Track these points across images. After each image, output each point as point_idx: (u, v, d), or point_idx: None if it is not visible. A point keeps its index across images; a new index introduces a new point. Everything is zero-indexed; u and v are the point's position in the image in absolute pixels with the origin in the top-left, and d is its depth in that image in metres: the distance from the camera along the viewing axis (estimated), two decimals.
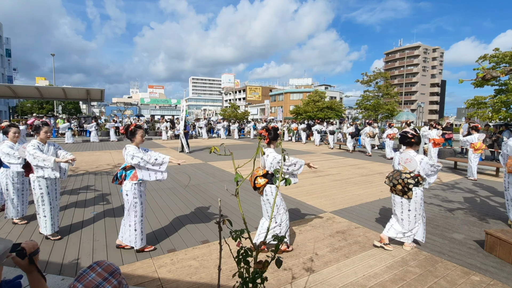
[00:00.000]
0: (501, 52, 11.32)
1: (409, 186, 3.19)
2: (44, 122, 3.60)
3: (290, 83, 73.50)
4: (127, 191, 3.12)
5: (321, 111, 30.41)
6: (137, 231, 3.15)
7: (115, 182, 3.27)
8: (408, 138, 3.35)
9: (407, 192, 3.22)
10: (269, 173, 3.16)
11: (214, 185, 6.54)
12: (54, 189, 3.57)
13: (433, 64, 73.99)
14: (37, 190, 3.39)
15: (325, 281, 2.66)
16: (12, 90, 20.24)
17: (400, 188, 3.27)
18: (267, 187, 3.14)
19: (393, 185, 3.36)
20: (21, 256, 1.06)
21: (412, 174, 3.24)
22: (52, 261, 2.99)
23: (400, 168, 3.39)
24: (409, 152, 3.34)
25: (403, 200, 3.31)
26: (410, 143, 3.36)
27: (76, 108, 50.36)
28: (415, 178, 3.21)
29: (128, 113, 40.60)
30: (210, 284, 2.60)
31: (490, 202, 5.46)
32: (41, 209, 3.42)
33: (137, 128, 3.24)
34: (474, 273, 2.83)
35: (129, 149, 3.11)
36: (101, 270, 1.06)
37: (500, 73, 3.45)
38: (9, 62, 47.23)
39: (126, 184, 3.14)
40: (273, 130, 3.25)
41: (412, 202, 3.25)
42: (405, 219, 3.30)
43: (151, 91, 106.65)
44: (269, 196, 3.15)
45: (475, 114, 13.06)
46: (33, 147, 3.33)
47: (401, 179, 3.26)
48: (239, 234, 1.37)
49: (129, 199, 3.13)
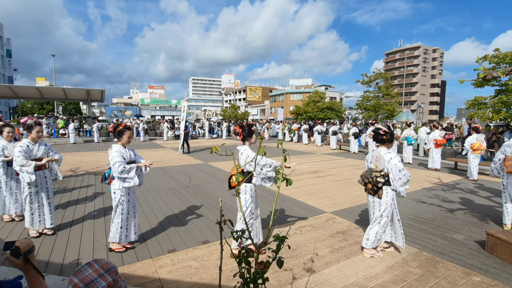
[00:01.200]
0: (502, 52, 11.33)
1: (378, 184, 3.09)
2: (37, 121, 3.64)
3: (290, 84, 73.52)
4: (115, 190, 3.17)
5: (321, 111, 30.42)
6: (122, 229, 3.20)
7: (104, 182, 3.31)
8: (380, 135, 3.19)
9: (377, 191, 3.13)
10: (244, 171, 3.06)
11: (214, 185, 6.54)
12: (46, 188, 3.63)
13: (433, 65, 73.99)
14: (26, 189, 3.46)
15: (326, 282, 2.66)
16: (13, 91, 20.26)
17: (370, 187, 3.19)
18: (242, 186, 3.04)
19: (364, 183, 3.29)
20: (16, 255, 1.05)
21: (382, 172, 3.12)
22: (53, 261, 2.99)
23: (372, 166, 3.29)
24: (380, 150, 3.19)
25: (374, 200, 3.21)
26: (382, 140, 3.20)
27: (76, 109, 50.39)
28: (385, 177, 3.08)
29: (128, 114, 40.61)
30: (211, 284, 2.59)
31: (490, 202, 5.45)
32: (28, 206, 3.50)
33: (125, 129, 3.27)
34: (475, 274, 2.83)
35: (113, 150, 3.15)
36: (98, 267, 1.07)
37: (501, 74, 3.44)
38: (9, 62, 47.30)
39: (114, 183, 3.18)
40: (248, 126, 3.21)
41: (383, 202, 3.09)
42: (376, 221, 3.15)
43: (151, 92, 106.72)
44: (242, 195, 3.04)
45: (476, 115, 13.07)
46: (20, 149, 3.37)
47: (371, 177, 3.17)
48: (240, 235, 1.37)
49: (117, 197, 3.18)
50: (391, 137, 3.20)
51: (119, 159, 3.09)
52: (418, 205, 5.14)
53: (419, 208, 5.00)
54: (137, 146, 15.22)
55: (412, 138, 10.27)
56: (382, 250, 3.30)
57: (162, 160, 10.40)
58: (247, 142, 3.20)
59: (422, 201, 5.42)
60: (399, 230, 3.15)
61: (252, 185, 3.09)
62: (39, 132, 3.57)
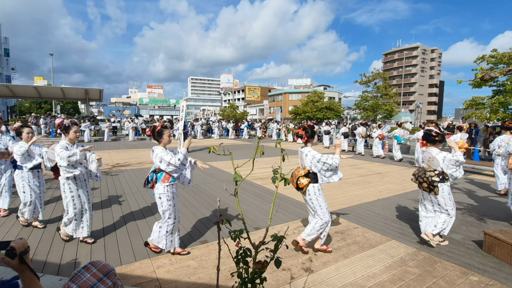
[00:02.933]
0: (499, 53, 11.38)
1: (434, 184, 3.29)
2: (73, 121, 3.43)
3: (289, 84, 73.48)
4: (160, 194, 3.03)
5: (320, 111, 30.46)
6: (168, 233, 3.06)
7: (146, 186, 3.17)
8: (432, 136, 3.43)
9: (433, 189, 3.31)
10: (310, 172, 3.15)
11: (212, 185, 6.53)
12: (86, 192, 3.44)
13: (432, 65, 74.18)
14: (68, 193, 3.26)
15: (324, 281, 2.66)
16: (10, 90, 20.18)
17: (426, 186, 3.37)
18: (310, 186, 3.15)
19: (419, 183, 3.46)
20: (11, 256, 1.04)
21: (436, 171, 3.32)
22: (50, 261, 2.98)
23: (424, 166, 3.49)
24: (431, 151, 3.40)
25: (431, 197, 3.43)
26: (434, 141, 3.44)
27: (74, 108, 50.24)
28: (439, 175, 3.30)
29: (126, 113, 40.49)
30: (209, 284, 2.59)
31: (488, 202, 5.48)
32: (72, 213, 3.28)
33: (164, 129, 3.13)
34: (472, 273, 2.84)
35: (157, 152, 3.02)
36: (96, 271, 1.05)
37: (499, 74, 3.46)
38: (7, 61, 47.07)
39: (158, 187, 3.05)
40: (310, 128, 3.22)
41: (440, 197, 3.35)
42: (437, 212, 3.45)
43: (150, 91, 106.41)
44: (312, 196, 3.16)
45: (473, 115, 13.12)
46: (61, 148, 3.18)
47: (425, 177, 3.35)
48: (238, 234, 1.37)
49: (163, 202, 3.03)
50: (443, 138, 3.47)
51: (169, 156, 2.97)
52: (416, 205, 5.15)
53: (417, 208, 5.00)
54: (129, 146, 15.18)
55: (402, 137, 10.80)
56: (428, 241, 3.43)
57: None
58: (309, 144, 3.25)
59: None
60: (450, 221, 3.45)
61: (319, 184, 3.19)
62: (77, 133, 3.39)
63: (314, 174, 3.15)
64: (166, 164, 2.98)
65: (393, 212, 4.74)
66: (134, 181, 6.86)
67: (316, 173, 3.15)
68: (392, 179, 7.45)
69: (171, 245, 3.10)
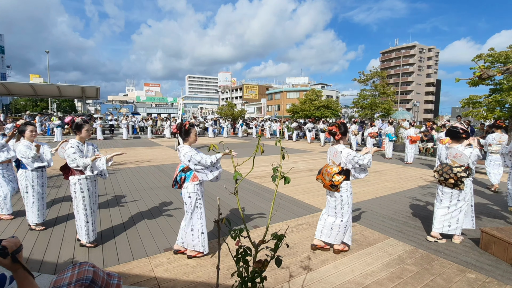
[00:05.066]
0: (496, 52, 11.44)
1: (462, 179, 3.36)
2: (85, 119, 3.36)
3: (287, 82, 73.43)
4: (190, 193, 2.96)
5: (317, 109, 30.46)
6: (204, 234, 3.00)
7: (175, 187, 3.11)
8: (459, 133, 3.48)
9: (459, 184, 3.39)
10: (344, 169, 3.14)
11: (212, 183, 6.51)
12: (94, 192, 3.39)
13: (429, 64, 74.46)
14: (78, 193, 3.20)
15: (323, 279, 2.67)
16: (5, 87, 19.97)
17: (452, 182, 3.42)
18: (344, 183, 3.14)
19: (444, 179, 3.48)
20: (3, 255, 1.03)
21: (463, 167, 3.38)
22: (47, 260, 2.96)
23: (449, 162, 3.52)
24: (457, 147, 3.45)
25: (453, 191, 3.48)
26: (460, 138, 3.49)
27: (71, 106, 49.81)
28: (466, 171, 3.36)
29: (123, 111, 40.25)
30: (208, 283, 2.58)
31: (484, 200, 5.52)
32: (82, 214, 3.21)
33: (191, 127, 3.07)
34: (469, 271, 2.86)
35: (185, 151, 2.96)
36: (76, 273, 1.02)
37: (497, 72, 3.47)
38: (2, 58, 46.60)
39: (187, 186, 2.98)
40: (343, 125, 3.20)
41: (463, 192, 3.43)
42: (456, 209, 3.49)
43: (147, 89, 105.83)
44: (344, 192, 3.14)
45: (470, 113, 13.18)
46: (74, 151, 3.12)
47: (453, 173, 3.40)
48: (238, 233, 1.36)
49: (192, 201, 2.97)
50: (468, 135, 3.52)
51: (198, 158, 2.91)
52: (413, 203, 5.18)
53: (414, 206, 5.04)
54: (125, 144, 15.11)
55: (393, 135, 11.08)
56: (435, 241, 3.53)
57: (158, 158, 10.34)
58: (342, 141, 3.23)
59: (418, 199, 5.46)
60: (470, 214, 3.64)
61: (350, 181, 3.20)
62: (89, 131, 3.33)
63: (347, 171, 3.15)
64: (196, 161, 2.91)
65: (391, 210, 4.76)
66: (132, 179, 6.82)
67: (349, 170, 3.15)
68: (390, 177, 7.49)
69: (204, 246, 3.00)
